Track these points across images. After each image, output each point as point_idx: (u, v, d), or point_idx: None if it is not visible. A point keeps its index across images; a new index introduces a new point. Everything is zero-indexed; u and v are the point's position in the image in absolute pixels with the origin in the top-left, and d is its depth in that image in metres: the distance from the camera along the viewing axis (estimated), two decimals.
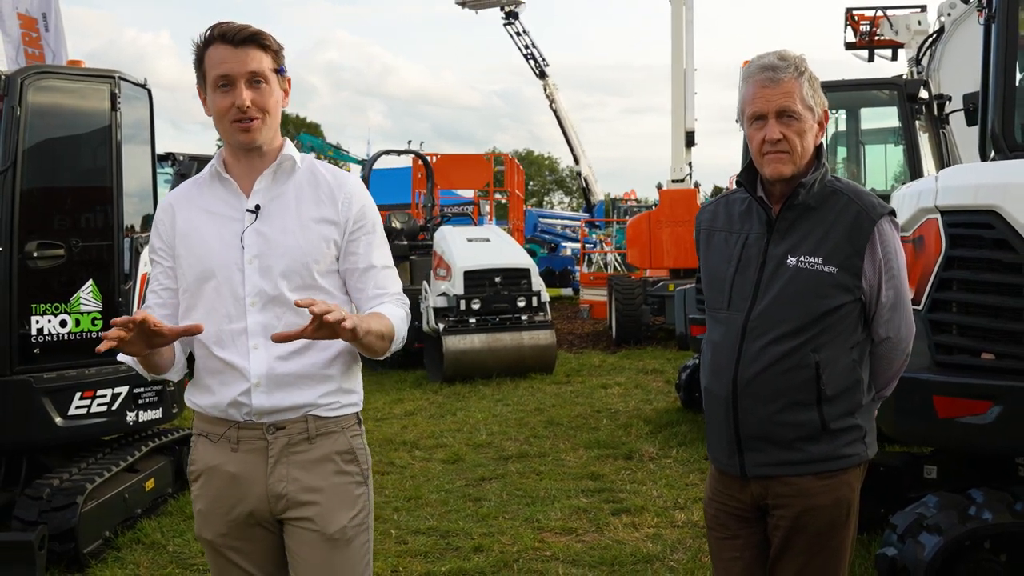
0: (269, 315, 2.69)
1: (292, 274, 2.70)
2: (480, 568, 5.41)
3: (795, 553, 2.84)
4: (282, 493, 2.72)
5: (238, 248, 2.71)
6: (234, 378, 2.69)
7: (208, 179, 2.82)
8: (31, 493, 5.51)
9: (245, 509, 2.74)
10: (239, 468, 2.73)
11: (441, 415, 10.14)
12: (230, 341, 2.70)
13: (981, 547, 4.07)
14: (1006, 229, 4.22)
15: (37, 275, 5.88)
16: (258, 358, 2.68)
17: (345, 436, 2.80)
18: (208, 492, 2.78)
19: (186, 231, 2.77)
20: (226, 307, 2.70)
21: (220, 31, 2.67)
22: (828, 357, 2.77)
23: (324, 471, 2.75)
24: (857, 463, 2.85)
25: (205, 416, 2.79)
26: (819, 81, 2.86)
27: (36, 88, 5.92)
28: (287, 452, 2.72)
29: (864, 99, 9.94)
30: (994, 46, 4.74)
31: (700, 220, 3.10)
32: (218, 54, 2.66)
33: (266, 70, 2.68)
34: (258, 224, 2.72)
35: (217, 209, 2.77)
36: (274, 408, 2.69)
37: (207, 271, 2.71)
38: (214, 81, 2.66)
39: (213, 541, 2.79)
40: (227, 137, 2.74)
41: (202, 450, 2.80)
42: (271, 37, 2.72)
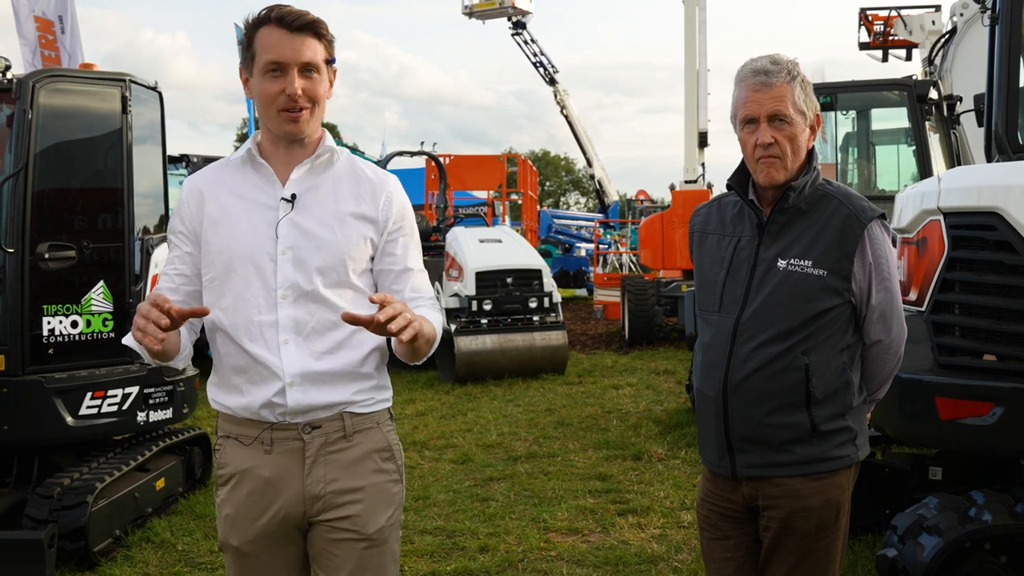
0: (301, 310, 2.60)
1: (328, 270, 2.61)
2: (485, 568, 5.44)
3: (785, 554, 2.86)
4: (320, 494, 2.63)
5: (271, 237, 2.60)
6: (265, 376, 2.59)
7: (239, 163, 2.70)
8: (42, 492, 5.57)
9: (279, 513, 2.64)
10: (273, 471, 2.62)
11: (452, 415, 10.17)
12: (259, 334, 2.59)
13: (981, 549, 4.07)
14: (1008, 231, 4.22)
15: (48, 276, 5.94)
16: (290, 354, 2.58)
17: (381, 432, 2.73)
18: (238, 496, 2.66)
19: (216, 216, 2.65)
20: (256, 298, 2.60)
21: (278, 14, 2.55)
22: (818, 360, 2.79)
23: (363, 470, 2.68)
24: (847, 465, 2.87)
25: (233, 418, 2.68)
26: (812, 85, 2.88)
27: (47, 91, 5.98)
28: (324, 452, 2.63)
29: (875, 100, 9.93)
30: (997, 48, 4.74)
31: (693, 222, 3.12)
32: (271, 37, 2.55)
33: (319, 60, 2.59)
34: (293, 214, 2.61)
35: (249, 195, 2.65)
36: (310, 406, 2.60)
37: (236, 258, 2.60)
38: (264, 65, 2.55)
39: (239, 548, 2.68)
40: (271, 125, 2.63)
41: (232, 453, 2.69)
42: (327, 26, 2.62)
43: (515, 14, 27.64)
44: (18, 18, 11.20)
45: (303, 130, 2.61)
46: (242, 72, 2.66)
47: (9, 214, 5.82)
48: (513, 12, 27.61)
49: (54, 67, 9.30)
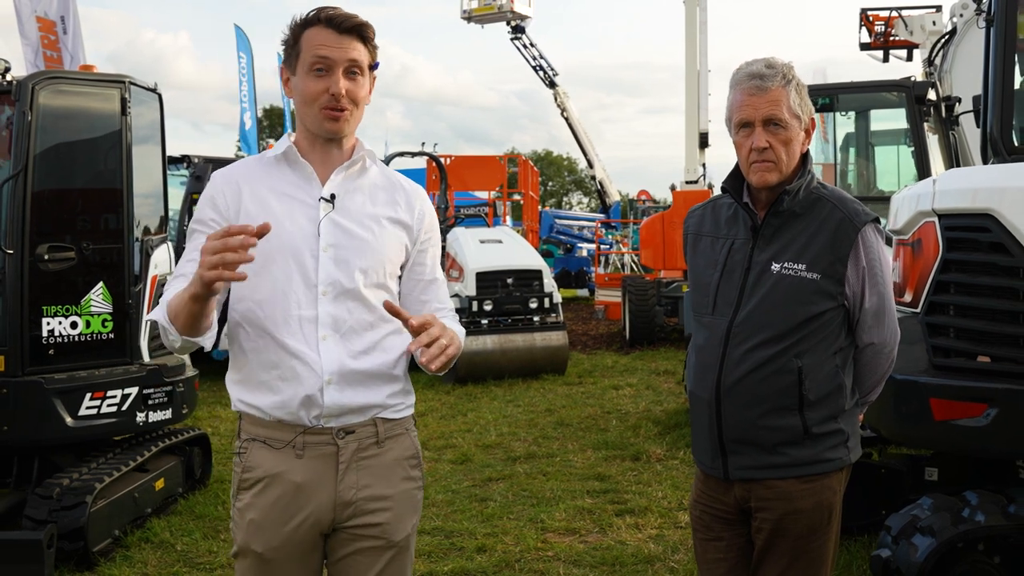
0: (341, 307, 2.59)
1: (369, 270, 2.62)
2: (482, 568, 5.46)
3: (777, 556, 2.87)
4: (351, 500, 2.61)
5: (313, 234, 2.60)
6: (300, 373, 2.56)
7: (274, 160, 2.69)
8: (41, 492, 5.60)
9: (308, 519, 2.60)
10: (305, 476, 2.59)
11: (452, 416, 10.19)
12: (297, 328, 2.57)
13: (975, 549, 4.09)
14: (1002, 232, 4.23)
15: (48, 277, 5.96)
16: (328, 351, 2.57)
17: (410, 438, 2.75)
18: (266, 501, 2.61)
19: (255, 209, 2.61)
20: (296, 292, 2.58)
21: (327, 15, 2.58)
22: (810, 363, 2.80)
23: (394, 478, 2.68)
24: (839, 467, 2.88)
25: (261, 420, 2.62)
26: (807, 88, 2.90)
27: (47, 93, 6.00)
28: (358, 457, 2.62)
29: (875, 101, 9.93)
30: (992, 50, 4.75)
31: (688, 224, 3.14)
32: (319, 36, 2.57)
33: (363, 62, 2.61)
34: (334, 214, 2.62)
35: (288, 191, 2.65)
36: (345, 407, 2.58)
37: (277, 252, 2.57)
38: (311, 63, 2.56)
39: (263, 554, 2.60)
40: (312, 123, 2.63)
41: (260, 457, 2.62)
42: (373, 31, 2.65)
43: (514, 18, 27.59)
44: (20, 19, 11.21)
45: (343, 129, 2.62)
46: (283, 71, 2.68)
47: (9, 215, 5.85)
48: (512, 16, 27.55)
49: (53, 69, 9.32)
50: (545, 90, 28.70)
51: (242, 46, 25.76)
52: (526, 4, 28.02)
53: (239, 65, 25.79)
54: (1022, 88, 5.06)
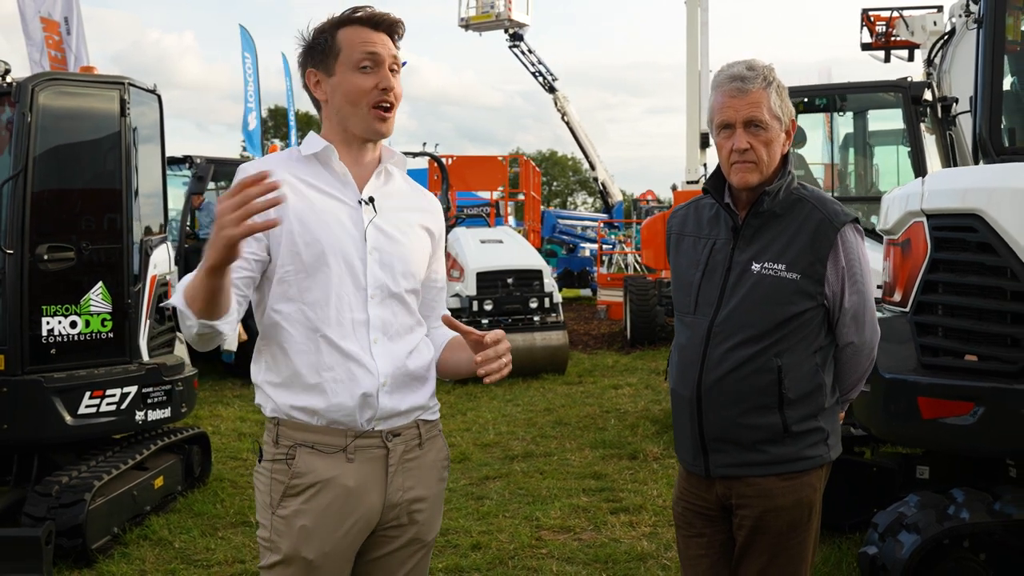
0: (387, 311, 2.61)
1: (409, 275, 2.66)
2: (476, 565, 5.51)
3: (758, 552, 2.91)
4: (398, 502, 2.63)
5: (359, 237, 2.58)
6: (357, 375, 2.54)
7: (309, 159, 2.64)
8: (40, 490, 5.65)
9: (359, 523, 2.59)
10: (356, 480, 2.57)
11: (451, 415, 10.23)
12: (351, 330, 2.55)
13: (960, 546, 4.13)
14: (989, 233, 4.27)
15: (48, 277, 6.02)
16: (381, 354, 2.57)
17: (442, 439, 2.79)
18: (318, 507, 2.55)
19: (300, 205, 2.55)
20: (348, 295, 2.56)
21: (368, 13, 2.59)
22: (790, 362, 2.84)
23: (431, 479, 2.71)
24: (819, 464, 2.92)
25: (309, 425, 2.56)
26: (787, 90, 2.94)
27: (46, 94, 6.06)
28: (404, 460, 2.64)
29: (873, 101, 9.97)
30: (981, 52, 4.79)
31: (671, 225, 3.17)
32: (360, 34, 2.57)
33: (399, 60, 2.64)
34: (377, 218, 2.63)
35: (329, 190, 2.61)
36: (395, 411, 2.59)
37: (330, 252, 2.54)
38: (357, 60, 2.55)
39: (314, 560, 2.54)
40: (359, 123, 2.59)
41: (310, 462, 2.55)
42: (404, 28, 2.67)
43: (511, 26, 27.52)
44: (24, 19, 11.25)
45: (390, 128, 2.63)
46: (312, 75, 2.63)
47: (9, 216, 5.91)
48: (509, 24, 27.48)
49: (53, 71, 9.36)
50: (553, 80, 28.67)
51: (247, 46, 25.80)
52: (523, 12, 27.97)
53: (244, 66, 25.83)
54: (1011, 90, 5.10)
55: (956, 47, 11.33)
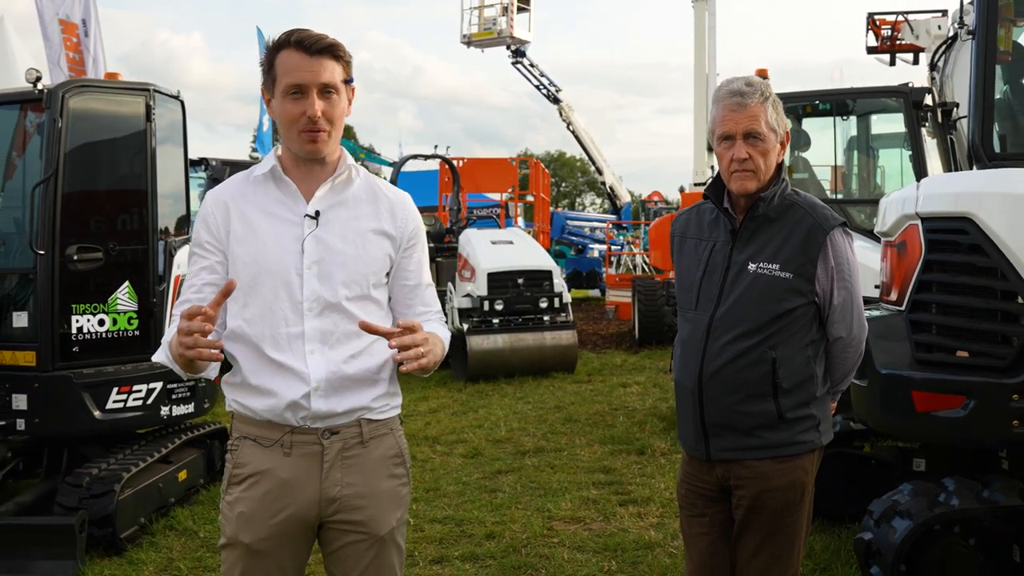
0: (327, 321, 2.71)
1: (352, 284, 2.72)
2: (491, 553, 5.75)
3: (755, 530, 3.15)
4: (336, 497, 2.74)
5: (297, 252, 2.71)
6: (291, 381, 2.68)
7: (262, 178, 2.79)
8: (71, 481, 5.90)
9: (293, 513, 2.73)
10: (291, 473, 2.72)
11: (463, 412, 10.48)
12: (286, 344, 2.69)
13: (951, 532, 4.35)
14: (979, 235, 4.48)
15: (77, 277, 6.27)
16: (316, 363, 2.69)
17: (394, 437, 2.87)
18: (254, 495, 2.73)
19: (242, 230, 2.74)
20: (283, 310, 2.69)
21: (297, 38, 2.65)
22: (784, 354, 3.08)
23: (378, 475, 2.79)
24: (811, 449, 3.16)
25: (253, 420, 2.75)
26: (782, 104, 3.18)
27: (76, 101, 6.30)
28: (342, 456, 2.74)
29: (875, 105, 10.16)
30: (973, 62, 5.01)
31: (675, 228, 3.42)
32: (292, 61, 2.64)
33: (337, 81, 2.68)
34: (318, 231, 2.72)
35: (274, 210, 2.75)
36: (330, 412, 2.71)
37: (263, 272, 2.69)
38: (286, 88, 2.65)
39: (251, 545, 2.73)
40: (293, 145, 2.72)
41: (250, 454, 2.76)
42: (344, 48, 2.71)
43: (513, 43, 27.61)
44: (43, 21, 11.43)
45: (322, 151, 2.72)
46: (264, 92, 2.76)
47: (40, 218, 6.15)
48: (511, 41, 27.55)
49: (82, 78, 9.62)
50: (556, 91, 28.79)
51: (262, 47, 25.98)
52: (525, 29, 28.01)
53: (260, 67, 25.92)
54: (1003, 98, 5.31)
55: (957, 53, 11.52)
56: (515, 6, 27.42)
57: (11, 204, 6.69)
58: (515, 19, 27.39)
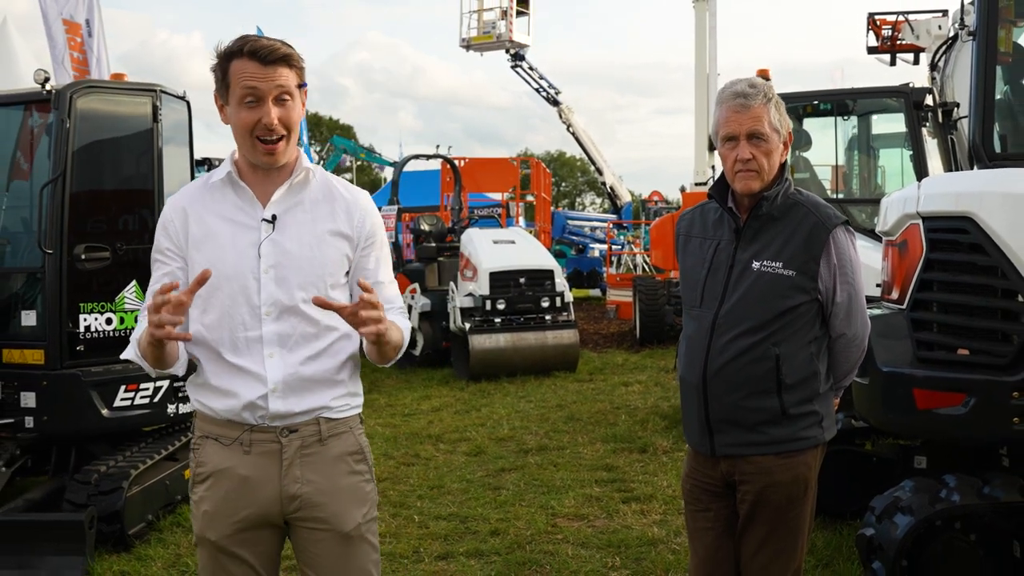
0: (284, 324, 2.75)
1: (308, 286, 2.75)
2: (495, 549, 5.80)
3: (759, 524, 3.21)
4: (296, 494, 2.78)
5: (254, 257, 2.74)
6: (249, 383, 2.73)
7: (220, 184, 2.82)
8: (80, 478, 5.95)
9: (255, 510, 2.78)
10: (251, 471, 2.76)
11: (466, 411, 10.53)
12: (245, 348, 2.74)
13: (952, 527, 4.40)
14: (979, 234, 4.53)
15: (85, 276, 6.31)
16: (274, 365, 2.73)
17: (353, 435, 2.89)
18: (216, 494, 2.80)
19: (200, 236, 2.77)
20: (241, 315, 2.73)
21: (251, 48, 2.66)
22: (787, 351, 3.13)
23: (338, 472, 2.83)
24: (814, 444, 3.21)
25: (214, 419, 2.81)
26: (784, 105, 3.23)
27: (84, 101, 6.35)
28: (300, 454, 2.78)
29: (876, 105, 10.21)
30: (974, 63, 5.06)
31: (679, 227, 3.47)
32: (246, 68, 2.65)
33: (292, 87, 2.71)
34: (275, 235, 2.76)
35: (232, 216, 2.78)
36: (288, 412, 2.75)
37: (222, 278, 2.71)
38: (240, 95, 2.67)
39: (217, 542, 2.80)
40: (248, 153, 2.75)
41: (211, 452, 2.81)
42: (298, 55, 2.74)
43: (512, 47, 27.59)
44: (47, 21, 11.46)
45: (279, 160, 2.76)
46: (217, 99, 2.77)
47: (48, 217, 6.20)
48: (510, 45, 27.53)
49: (90, 79, 9.67)
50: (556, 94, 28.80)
51: None
52: (524, 33, 27.99)
53: None
54: (1004, 99, 5.36)
55: (958, 53, 11.57)
56: (514, 10, 27.38)
57: (19, 204, 6.74)
58: (514, 23, 27.37)
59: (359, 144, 43.33)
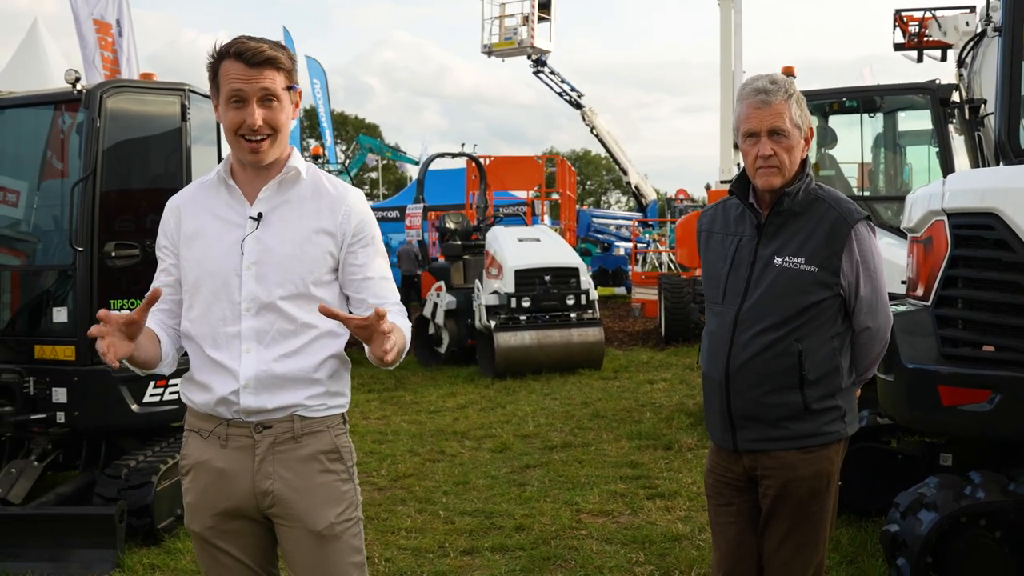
0: (262, 320, 2.79)
1: (287, 283, 2.79)
2: (520, 544, 5.84)
3: (781, 519, 3.22)
4: (268, 490, 2.81)
5: (238, 254, 2.79)
6: (224, 378, 2.79)
7: (215, 183, 2.89)
8: (111, 473, 6.04)
9: (232, 504, 2.83)
10: (227, 464, 2.82)
11: (491, 408, 10.58)
12: (224, 343, 2.80)
13: (977, 524, 4.39)
14: (1005, 231, 4.52)
15: (114, 273, 6.38)
16: (248, 361, 2.78)
17: (330, 435, 2.89)
18: (197, 486, 2.87)
19: (191, 234, 2.86)
20: (222, 310, 2.79)
21: (237, 49, 2.72)
22: (810, 346, 3.14)
23: (310, 470, 2.84)
24: (836, 439, 3.22)
25: (197, 412, 2.89)
26: (805, 101, 3.24)
27: (114, 101, 6.42)
28: (273, 450, 2.81)
29: (903, 102, 10.16)
30: (999, 59, 5.04)
31: (701, 223, 3.50)
32: (233, 70, 2.72)
33: (278, 89, 2.75)
34: (259, 232, 2.80)
35: (223, 214, 2.85)
36: (261, 408, 2.78)
37: (206, 274, 2.80)
38: (227, 96, 2.74)
39: (201, 533, 2.87)
40: (236, 151, 2.81)
41: (193, 445, 2.90)
42: (285, 57, 2.78)
43: (534, 53, 27.50)
44: (78, 21, 11.59)
45: (263, 159, 2.80)
46: (213, 99, 2.84)
47: (79, 215, 6.27)
48: (532, 51, 27.44)
49: (119, 78, 9.78)
50: (584, 87, 28.70)
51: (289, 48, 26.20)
52: (546, 39, 27.89)
53: None
54: None
55: (985, 49, 11.49)
56: (535, 16, 27.33)
57: (51, 202, 6.83)
58: (536, 29, 27.30)
59: (385, 143, 43.50)
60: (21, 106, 6.77)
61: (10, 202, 6.89)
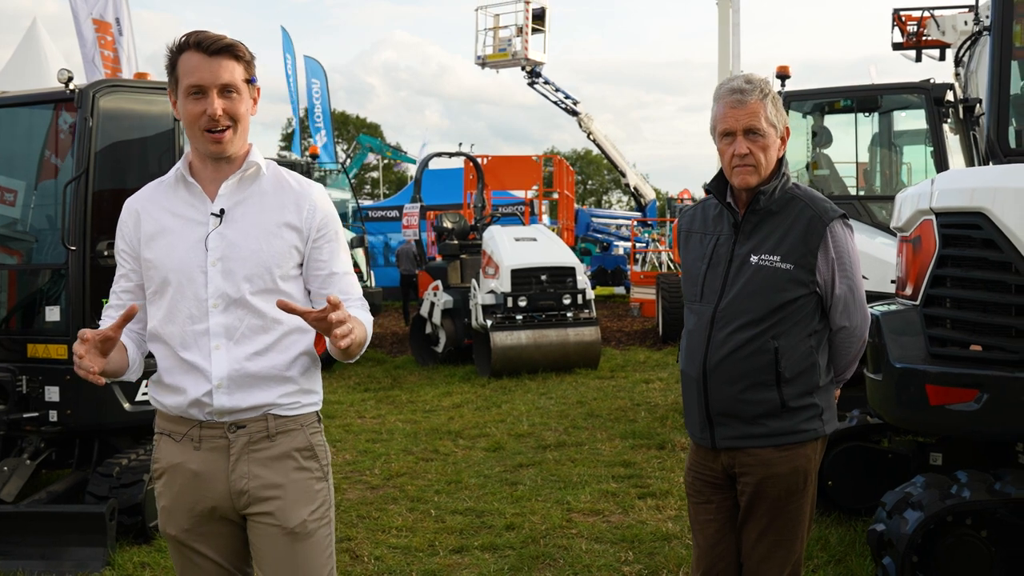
0: (231, 316, 2.77)
1: (255, 277, 2.77)
2: (510, 543, 5.85)
3: (759, 516, 3.23)
4: (244, 489, 2.80)
5: (202, 251, 2.77)
6: (196, 379, 2.76)
7: (173, 182, 2.85)
8: (102, 471, 6.05)
9: (208, 505, 2.82)
10: (201, 466, 2.80)
11: (487, 407, 10.59)
12: (193, 342, 2.77)
13: (963, 523, 4.39)
14: (992, 230, 4.53)
15: (107, 272, 6.34)
16: (219, 359, 2.75)
17: (304, 433, 2.89)
18: (171, 489, 2.85)
19: (152, 234, 2.82)
20: (189, 309, 2.77)
21: (196, 39, 2.71)
22: (786, 344, 3.16)
23: (284, 467, 2.83)
24: (814, 437, 3.23)
25: (167, 415, 2.85)
26: (781, 101, 3.26)
27: (106, 100, 6.43)
28: (248, 450, 2.80)
29: (897, 102, 10.16)
30: (989, 58, 5.05)
31: (681, 223, 3.51)
32: (192, 61, 2.70)
33: (238, 80, 2.74)
34: (222, 228, 2.78)
35: (183, 212, 2.82)
36: (234, 408, 2.77)
37: (171, 273, 2.77)
38: (186, 88, 2.70)
39: (177, 536, 2.86)
40: (197, 144, 2.78)
41: (165, 448, 2.87)
42: (244, 48, 2.78)
43: (528, 64, 27.43)
44: (77, 20, 11.61)
45: (227, 149, 2.77)
46: (171, 94, 2.81)
47: (71, 215, 6.28)
48: (526, 63, 27.39)
49: (112, 78, 9.79)
50: (584, 88, 28.74)
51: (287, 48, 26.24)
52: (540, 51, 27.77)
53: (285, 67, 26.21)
54: (1020, 94, 5.34)
55: (981, 49, 11.48)
56: (530, 27, 27.24)
57: (44, 202, 6.84)
58: (530, 40, 27.21)
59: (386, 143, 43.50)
60: (14, 105, 6.78)
61: (7, 201, 6.91)
